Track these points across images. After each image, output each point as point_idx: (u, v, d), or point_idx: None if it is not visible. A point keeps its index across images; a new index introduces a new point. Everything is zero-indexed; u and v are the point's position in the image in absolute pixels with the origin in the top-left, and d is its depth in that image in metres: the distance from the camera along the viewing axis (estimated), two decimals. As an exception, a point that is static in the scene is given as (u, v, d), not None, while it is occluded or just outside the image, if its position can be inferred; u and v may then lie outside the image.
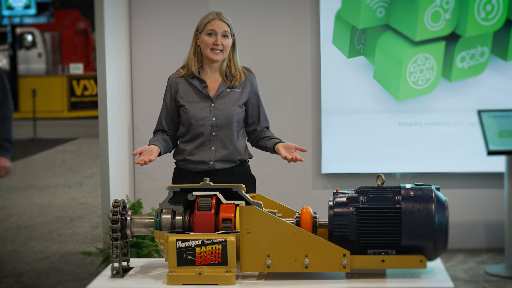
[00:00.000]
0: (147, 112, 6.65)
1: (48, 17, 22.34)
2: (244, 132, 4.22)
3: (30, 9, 20.58)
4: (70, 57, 23.78)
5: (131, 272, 3.37)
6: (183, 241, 3.16)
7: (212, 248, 3.15)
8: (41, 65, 23.28)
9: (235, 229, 3.22)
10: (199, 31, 4.13)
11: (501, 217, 6.63)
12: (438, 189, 3.20)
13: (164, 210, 3.30)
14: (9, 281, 6.22)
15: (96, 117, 7.81)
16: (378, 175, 3.23)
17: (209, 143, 4.12)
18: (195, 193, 3.29)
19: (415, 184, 3.19)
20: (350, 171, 6.71)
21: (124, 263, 3.38)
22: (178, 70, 4.22)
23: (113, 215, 3.29)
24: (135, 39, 6.73)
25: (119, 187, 6.30)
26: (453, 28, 6.53)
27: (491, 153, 6.14)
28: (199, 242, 3.16)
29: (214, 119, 4.11)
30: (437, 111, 6.64)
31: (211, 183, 3.31)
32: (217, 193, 3.29)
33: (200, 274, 3.13)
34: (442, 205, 3.13)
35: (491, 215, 6.78)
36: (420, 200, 3.12)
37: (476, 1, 6.48)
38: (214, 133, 4.11)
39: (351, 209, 3.15)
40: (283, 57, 6.73)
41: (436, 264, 3.29)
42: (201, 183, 3.31)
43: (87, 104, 20.36)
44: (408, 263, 3.14)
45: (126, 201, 5.08)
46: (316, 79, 6.70)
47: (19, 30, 22.62)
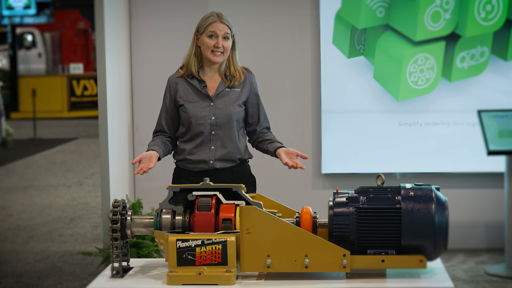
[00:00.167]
0: (147, 112, 6.65)
1: (48, 17, 22.33)
2: (244, 132, 4.22)
3: (30, 9, 20.58)
4: (70, 57, 23.77)
5: (131, 272, 3.37)
6: (183, 241, 3.16)
7: (212, 248, 3.15)
8: (41, 65, 23.27)
9: (235, 229, 3.22)
10: (199, 32, 4.12)
11: (501, 217, 6.63)
12: (438, 189, 3.20)
13: (164, 210, 3.30)
14: (9, 281, 6.22)
15: (96, 117, 7.81)
16: (378, 175, 3.23)
17: (209, 142, 4.12)
18: (195, 193, 3.29)
19: (415, 184, 3.19)
20: (350, 171, 6.71)
21: (124, 263, 3.38)
22: (178, 71, 4.22)
23: (113, 215, 3.29)
24: (135, 39, 6.73)
25: (119, 187, 6.30)
26: (453, 28, 6.53)
27: (491, 153, 6.14)
28: (199, 242, 3.16)
29: (213, 118, 4.10)
30: (437, 111, 6.64)
31: (211, 183, 3.31)
32: (217, 193, 3.29)
33: (200, 274, 3.13)
34: (442, 205, 3.13)
35: (491, 215, 6.78)
36: (420, 200, 3.12)
37: (476, 1, 6.48)
38: (213, 132, 4.11)
39: (351, 209, 3.15)
40: (283, 57, 6.73)
41: (436, 264, 3.29)
42: (201, 183, 3.31)
43: (87, 104, 20.36)
44: (408, 263, 3.14)
45: (126, 201, 5.07)
46: (316, 79, 6.70)
47: (19, 30, 22.61)
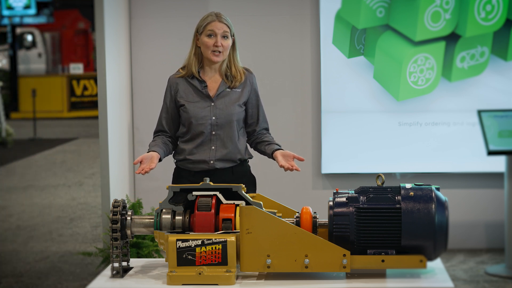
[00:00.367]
0: (147, 112, 6.65)
1: (48, 17, 22.33)
2: (244, 132, 4.22)
3: (30, 9, 20.58)
4: (70, 57, 23.76)
5: (131, 272, 3.37)
6: (183, 241, 3.16)
7: (212, 248, 3.15)
8: (41, 65, 23.26)
9: (235, 229, 3.22)
10: (199, 32, 4.13)
11: (501, 217, 6.63)
12: (438, 189, 3.20)
13: (164, 210, 3.30)
14: (9, 281, 6.22)
15: (96, 117, 7.81)
16: (378, 175, 3.23)
17: (209, 143, 4.12)
18: (195, 193, 3.29)
19: (415, 184, 3.19)
20: (350, 171, 6.71)
21: (124, 263, 3.38)
22: (178, 71, 4.22)
23: (113, 215, 3.29)
24: (135, 39, 6.73)
25: (119, 187, 6.30)
26: (453, 28, 6.53)
27: (491, 153, 6.14)
28: (199, 242, 3.16)
29: (214, 118, 4.11)
30: (437, 111, 6.64)
31: (211, 183, 3.31)
32: (217, 193, 3.29)
33: (200, 274, 3.13)
34: (442, 205, 3.13)
35: (491, 215, 6.78)
36: (420, 200, 3.12)
37: (476, 1, 6.48)
38: (214, 132, 4.11)
39: (351, 209, 3.15)
40: (283, 57, 6.73)
41: (436, 264, 3.29)
42: (201, 183, 3.31)
43: (87, 104, 20.36)
44: (408, 263, 3.14)
45: (126, 201, 5.08)
46: (316, 79, 6.70)
47: (19, 30, 22.60)
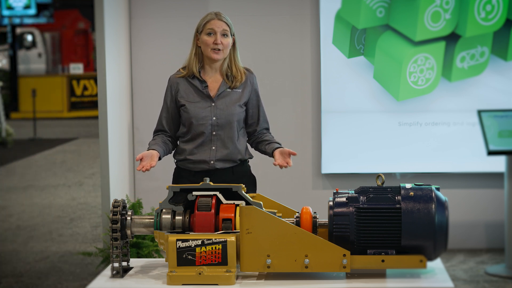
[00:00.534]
0: (147, 112, 6.65)
1: (47, 17, 22.32)
2: (244, 132, 4.22)
3: (30, 9, 20.58)
4: (70, 57, 23.76)
5: (131, 272, 3.37)
6: (183, 241, 3.16)
7: (212, 248, 3.15)
8: (41, 65, 23.26)
9: (235, 229, 3.22)
10: (199, 31, 4.13)
11: (501, 217, 6.63)
12: (438, 189, 3.19)
13: (164, 210, 3.30)
14: (9, 281, 6.22)
15: (96, 117, 7.81)
16: (378, 175, 3.23)
17: (210, 143, 4.13)
18: (195, 193, 3.29)
19: (415, 184, 3.19)
20: (350, 171, 6.71)
21: (124, 263, 3.38)
22: (179, 70, 4.22)
23: (113, 215, 3.29)
24: (135, 39, 6.73)
25: (119, 187, 6.30)
26: (453, 28, 6.53)
27: (491, 153, 6.14)
28: (199, 242, 3.16)
29: (214, 118, 4.11)
30: (437, 111, 6.64)
31: (211, 183, 3.31)
32: (217, 193, 3.29)
33: (200, 274, 3.13)
34: (442, 205, 3.13)
35: (491, 215, 6.78)
36: (420, 200, 3.12)
37: (476, 1, 6.48)
38: (214, 132, 4.12)
39: (351, 209, 3.15)
40: (283, 57, 6.73)
41: (436, 264, 3.29)
42: (201, 183, 3.31)
43: (87, 104, 20.35)
44: (408, 263, 3.14)
45: (126, 201, 5.07)
46: (316, 79, 6.70)
47: (19, 30, 22.60)
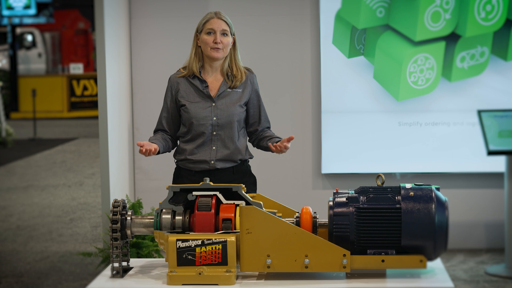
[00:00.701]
0: (147, 112, 6.65)
1: (47, 17, 22.32)
2: (245, 132, 4.23)
3: (30, 9, 20.58)
4: (70, 57, 23.76)
5: (131, 272, 3.37)
6: (183, 241, 3.16)
7: (212, 248, 3.15)
8: (41, 65, 23.26)
9: (235, 229, 3.22)
10: (199, 31, 4.14)
11: (501, 217, 6.63)
12: (438, 189, 3.19)
13: (164, 210, 3.30)
14: (9, 281, 6.22)
15: (96, 117, 7.82)
16: (378, 175, 3.23)
17: (210, 143, 4.13)
18: (195, 193, 3.29)
19: (415, 184, 3.19)
20: (350, 171, 6.71)
21: (124, 263, 3.38)
22: (179, 70, 4.22)
23: (113, 215, 3.29)
24: (135, 39, 6.73)
25: (119, 187, 6.30)
26: (453, 28, 6.53)
27: (491, 153, 6.14)
28: (199, 242, 3.16)
29: (215, 118, 4.11)
30: (437, 111, 6.64)
31: (211, 183, 3.31)
32: (217, 193, 3.29)
33: (200, 274, 3.13)
34: (442, 205, 3.13)
35: (491, 215, 6.78)
36: (420, 200, 3.12)
37: (476, 1, 6.48)
38: (215, 132, 4.12)
39: (351, 209, 3.15)
40: (283, 57, 6.73)
41: (436, 264, 3.29)
42: (201, 183, 3.31)
43: (87, 104, 20.35)
44: (408, 263, 3.14)
45: (126, 201, 5.07)
46: (316, 79, 6.70)
47: (19, 30, 22.60)
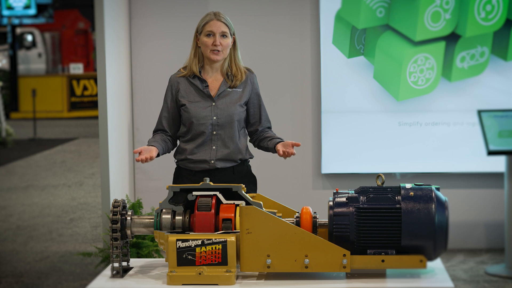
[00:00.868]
0: (147, 112, 6.65)
1: (47, 18, 22.32)
2: (245, 132, 4.23)
3: (30, 9, 20.57)
4: (70, 57, 23.76)
5: (131, 272, 3.37)
6: (183, 241, 3.16)
7: (212, 248, 3.15)
8: (41, 65, 23.26)
9: (235, 229, 3.22)
10: (198, 32, 4.14)
11: (501, 217, 6.63)
12: (438, 189, 3.20)
13: (164, 210, 3.30)
14: (9, 281, 6.22)
15: (96, 117, 7.82)
16: (378, 175, 3.23)
17: (210, 142, 4.13)
18: (195, 193, 3.29)
19: (415, 184, 3.19)
20: (350, 171, 6.71)
21: (124, 263, 3.38)
22: (180, 70, 4.22)
23: (113, 215, 3.29)
24: (135, 39, 6.73)
25: (119, 187, 6.30)
26: (453, 28, 6.53)
27: (491, 153, 6.14)
28: (199, 242, 3.16)
29: (215, 118, 4.11)
30: (437, 111, 6.64)
31: (211, 183, 3.31)
32: (217, 193, 3.29)
33: (200, 274, 3.13)
34: (442, 205, 3.13)
35: (491, 215, 6.78)
36: (420, 200, 3.12)
37: (476, 1, 6.48)
38: (215, 132, 4.12)
39: (351, 209, 3.15)
40: (283, 57, 6.73)
41: (436, 264, 3.29)
42: (201, 183, 3.31)
43: (87, 104, 20.35)
44: (408, 263, 3.14)
45: (126, 201, 5.07)
46: (316, 79, 6.70)
47: (19, 30, 22.60)
